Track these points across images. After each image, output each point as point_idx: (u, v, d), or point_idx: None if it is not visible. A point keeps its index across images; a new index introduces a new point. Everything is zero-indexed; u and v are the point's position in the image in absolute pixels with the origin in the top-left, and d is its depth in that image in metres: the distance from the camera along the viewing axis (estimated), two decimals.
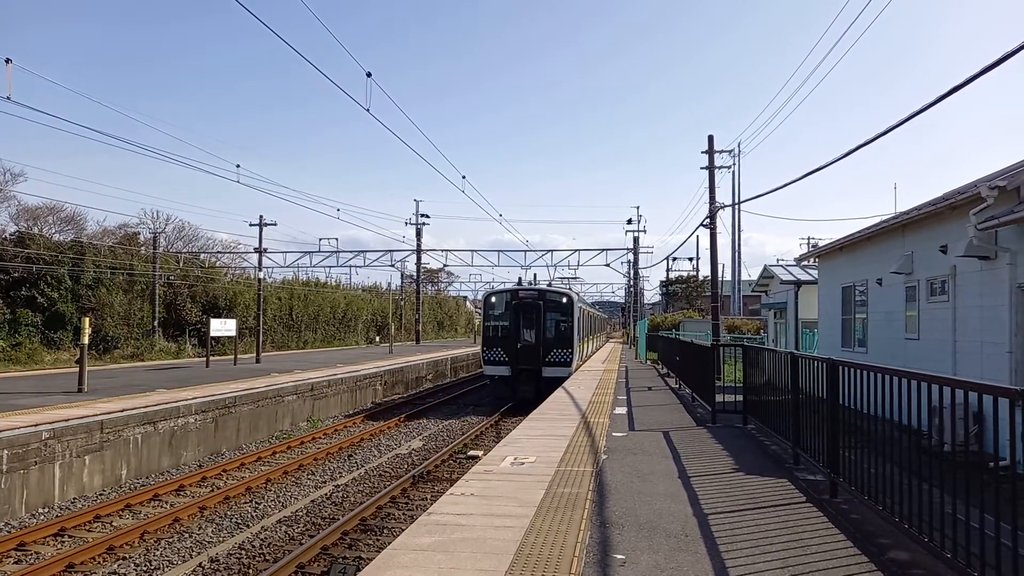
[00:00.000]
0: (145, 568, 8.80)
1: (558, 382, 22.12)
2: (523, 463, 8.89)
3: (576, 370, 25.85)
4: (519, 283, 34.06)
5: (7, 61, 14.02)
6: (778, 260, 38.93)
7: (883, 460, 5.92)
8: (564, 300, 26.07)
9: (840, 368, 7.13)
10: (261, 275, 36.06)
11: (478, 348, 30.99)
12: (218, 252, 53.35)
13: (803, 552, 5.47)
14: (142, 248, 44.18)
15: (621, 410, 14.64)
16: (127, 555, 9.23)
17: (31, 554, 9.30)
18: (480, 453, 14.92)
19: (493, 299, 26.79)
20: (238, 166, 44.18)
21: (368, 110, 11.83)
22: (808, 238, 53.11)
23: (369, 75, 11.59)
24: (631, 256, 58.45)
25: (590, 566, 5.18)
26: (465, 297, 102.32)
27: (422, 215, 59.77)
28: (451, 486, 7.84)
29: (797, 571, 5.04)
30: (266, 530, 10.36)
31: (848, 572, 5.05)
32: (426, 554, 5.37)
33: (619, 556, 5.40)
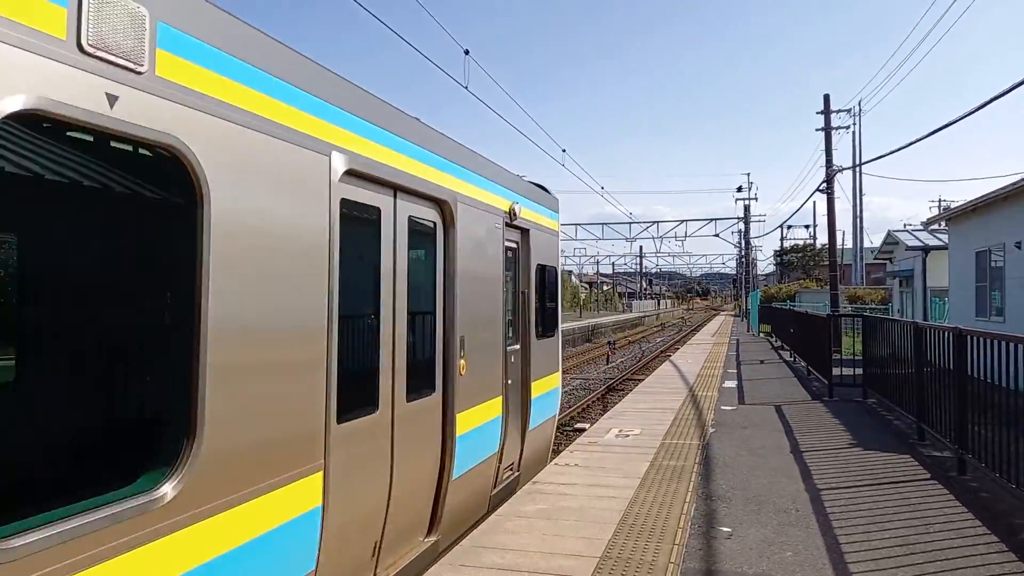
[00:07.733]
0: None
1: None
2: (628, 435, 8.88)
3: None
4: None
5: None
6: (904, 225, 36.35)
7: (1018, 436, 5.51)
8: None
9: (968, 338, 6.68)
10: None
11: (584, 322, 29.78)
12: None
13: (925, 530, 5.19)
14: None
15: (731, 383, 14.28)
16: None
17: None
18: (586, 425, 14.93)
19: None
20: None
21: (467, 88, 11.95)
22: (939, 199, 49.34)
23: (467, 52, 11.68)
24: (742, 225, 56.53)
25: (695, 537, 5.14)
26: (570, 272, 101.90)
27: None
28: (556, 456, 7.95)
29: (918, 549, 4.80)
30: None
31: (976, 552, 4.75)
32: (530, 521, 5.49)
33: (725, 529, 5.32)
